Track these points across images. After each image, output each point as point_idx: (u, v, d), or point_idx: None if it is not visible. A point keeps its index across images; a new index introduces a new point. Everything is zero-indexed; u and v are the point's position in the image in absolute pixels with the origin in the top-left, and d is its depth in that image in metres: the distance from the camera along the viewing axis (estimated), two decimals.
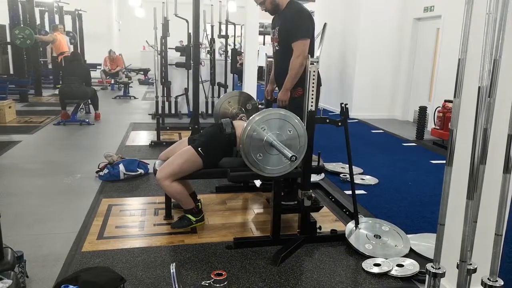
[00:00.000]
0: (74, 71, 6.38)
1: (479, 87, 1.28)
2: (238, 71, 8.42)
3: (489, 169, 1.38)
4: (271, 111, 2.35)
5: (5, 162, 4.28)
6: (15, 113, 6.63)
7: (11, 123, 6.24)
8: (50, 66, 10.86)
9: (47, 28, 11.14)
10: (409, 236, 2.76)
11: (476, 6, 1.32)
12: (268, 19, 3.16)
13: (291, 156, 2.14)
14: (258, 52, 8.00)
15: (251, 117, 2.32)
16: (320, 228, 2.76)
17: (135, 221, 2.94)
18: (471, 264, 1.40)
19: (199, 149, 2.62)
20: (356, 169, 4.17)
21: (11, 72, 9.75)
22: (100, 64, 11.18)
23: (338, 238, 2.72)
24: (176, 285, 1.84)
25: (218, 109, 3.56)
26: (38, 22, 10.54)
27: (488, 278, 1.37)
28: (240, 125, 2.85)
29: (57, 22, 11.49)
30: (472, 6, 1.31)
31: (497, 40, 1.25)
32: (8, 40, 9.30)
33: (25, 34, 8.01)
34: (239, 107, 3.52)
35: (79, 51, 11.14)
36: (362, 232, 2.75)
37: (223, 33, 7.27)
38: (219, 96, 7.04)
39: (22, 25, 8.40)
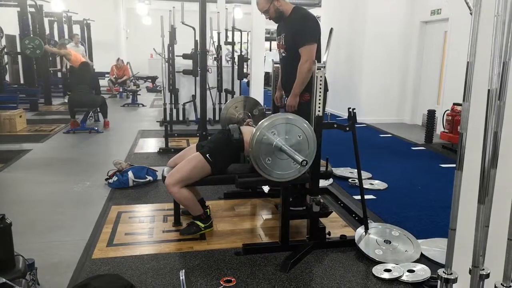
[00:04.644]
0: (83, 79, 6.45)
1: (488, 90, 1.27)
2: (246, 77, 8.46)
3: (500, 173, 1.36)
4: (278, 116, 2.35)
5: (16, 170, 4.33)
6: (26, 122, 6.73)
7: (22, 131, 6.32)
8: (59, 75, 10.98)
9: (56, 38, 11.29)
10: (419, 241, 2.73)
11: (484, 8, 1.31)
12: (274, 25, 3.16)
13: (302, 161, 2.13)
14: (264, 58, 8.03)
15: (259, 123, 2.32)
16: (329, 233, 2.75)
17: (144, 228, 2.95)
18: (483, 269, 1.38)
19: (208, 155, 2.63)
20: (364, 174, 4.15)
21: (22, 81, 9.89)
22: (108, 73, 11.29)
23: (348, 243, 2.70)
24: None
25: (224, 115, 3.59)
26: (47, 32, 10.69)
27: (501, 284, 1.35)
28: (247, 130, 2.85)
29: (66, 32, 11.64)
30: (480, 8, 1.29)
31: (506, 43, 1.24)
32: (19, 50, 9.44)
33: (35, 44, 8.13)
34: (246, 112, 3.54)
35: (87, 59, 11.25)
36: (372, 238, 2.73)
37: (230, 39, 7.31)
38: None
39: (32, 35, 8.53)
